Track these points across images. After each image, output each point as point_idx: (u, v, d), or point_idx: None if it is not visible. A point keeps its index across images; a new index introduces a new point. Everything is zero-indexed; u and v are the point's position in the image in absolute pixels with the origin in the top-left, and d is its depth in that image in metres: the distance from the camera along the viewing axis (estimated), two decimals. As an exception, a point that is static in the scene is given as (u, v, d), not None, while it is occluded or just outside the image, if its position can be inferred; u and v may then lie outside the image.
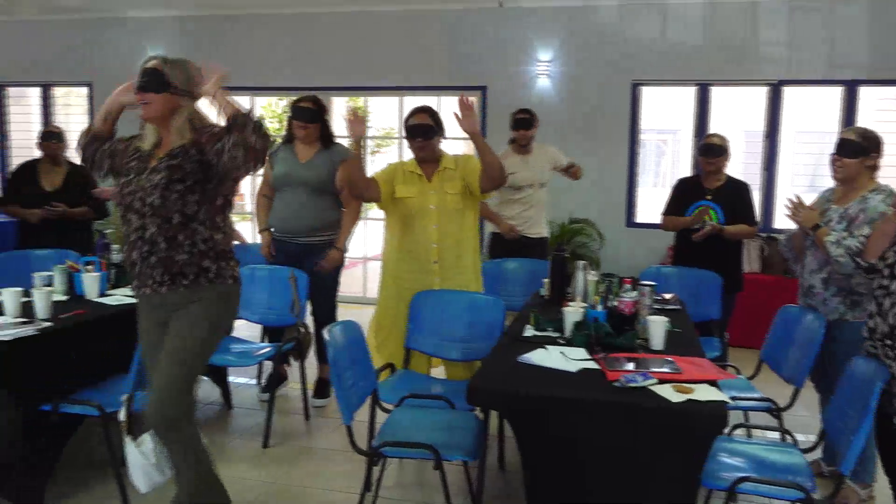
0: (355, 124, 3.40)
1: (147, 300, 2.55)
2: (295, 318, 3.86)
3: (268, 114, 12.66)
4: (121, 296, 3.44)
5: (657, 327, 2.74)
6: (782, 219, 4.84)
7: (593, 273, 3.45)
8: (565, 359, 2.55)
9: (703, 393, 2.23)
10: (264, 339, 4.42)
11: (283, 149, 4.18)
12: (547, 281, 3.61)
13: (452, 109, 3.36)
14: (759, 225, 4.48)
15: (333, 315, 4.16)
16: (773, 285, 5.57)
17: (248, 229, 4.42)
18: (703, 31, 6.28)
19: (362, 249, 7.23)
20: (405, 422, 2.83)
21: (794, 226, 3.27)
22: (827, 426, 2.66)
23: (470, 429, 2.75)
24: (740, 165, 6.35)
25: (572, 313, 2.87)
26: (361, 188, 3.50)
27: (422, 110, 3.51)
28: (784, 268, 5.70)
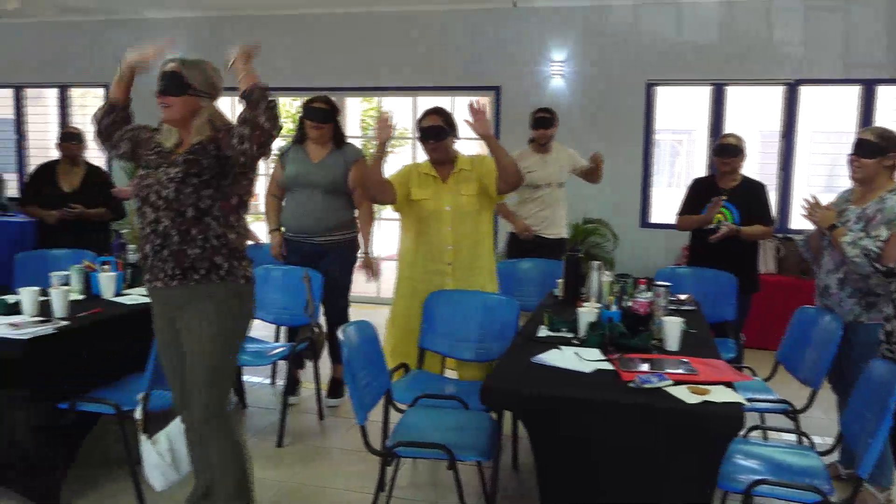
0: (383, 128, 3.40)
1: (158, 295, 2.54)
2: (309, 318, 3.87)
3: (282, 114, 12.69)
4: (136, 295, 3.47)
5: (672, 328, 2.73)
6: (798, 219, 4.82)
7: (608, 273, 3.43)
8: (579, 359, 2.54)
9: (719, 394, 2.21)
10: (278, 339, 4.44)
11: (293, 149, 4.16)
12: (561, 281, 3.60)
13: (464, 115, 3.35)
14: (775, 225, 4.45)
15: (346, 315, 4.16)
16: (788, 286, 5.53)
17: (263, 229, 4.43)
18: (719, 31, 6.25)
19: (375, 250, 7.20)
20: (419, 422, 2.83)
21: (812, 226, 3.25)
22: (844, 429, 2.63)
23: (484, 429, 2.75)
24: (756, 166, 6.30)
25: (587, 314, 2.86)
26: (377, 191, 3.48)
27: (433, 112, 3.49)
28: (800, 269, 5.66)
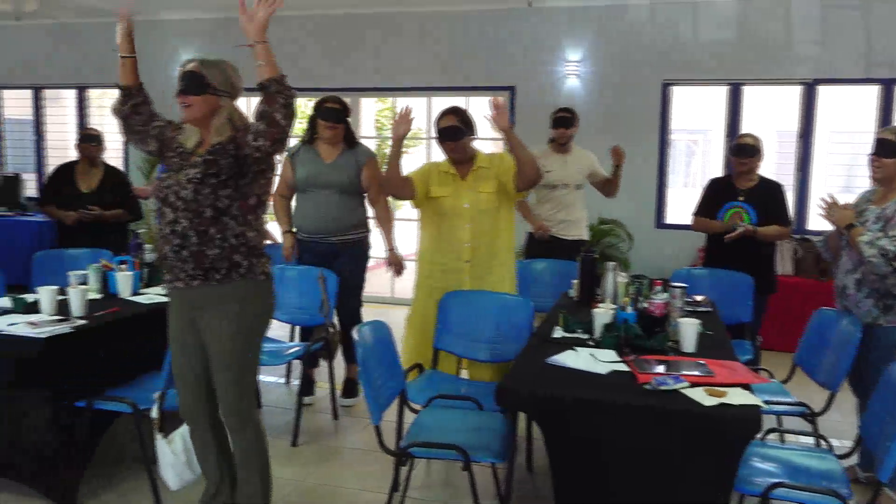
0: (401, 122, 3.39)
1: (179, 295, 2.55)
2: (324, 318, 3.88)
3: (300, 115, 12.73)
4: (153, 294, 3.49)
5: (688, 330, 2.71)
6: (816, 220, 4.76)
7: (623, 274, 3.41)
8: (595, 361, 2.53)
9: (736, 397, 2.19)
10: (293, 339, 4.45)
11: (303, 150, 4.13)
12: (576, 282, 3.59)
13: (483, 111, 3.34)
14: (792, 226, 4.41)
15: (358, 315, 4.18)
16: (806, 288, 5.48)
17: (276, 229, 4.45)
18: (736, 30, 6.20)
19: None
20: (433, 422, 2.83)
21: (832, 226, 3.22)
22: (863, 432, 2.60)
23: (498, 430, 2.74)
24: (773, 166, 6.25)
25: (602, 315, 2.84)
26: (396, 187, 3.49)
27: (450, 112, 3.48)
28: (817, 270, 5.61)
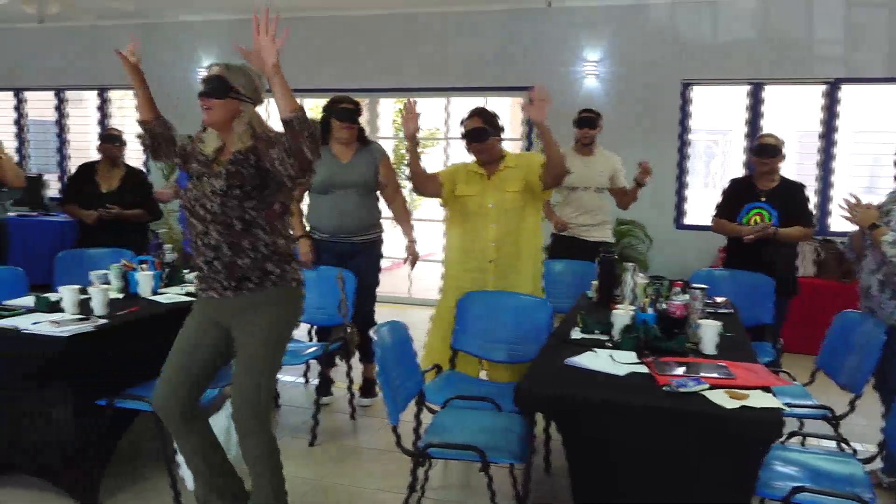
0: (408, 120, 3.40)
1: (211, 304, 2.57)
2: (342, 318, 3.89)
3: (316, 115, 12.79)
4: (173, 294, 3.52)
5: (709, 331, 2.68)
6: (838, 221, 4.71)
7: (642, 275, 3.39)
8: (614, 362, 2.51)
9: (757, 399, 2.16)
10: (311, 339, 4.47)
11: None
12: (595, 283, 3.57)
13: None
14: (814, 227, 4.36)
15: (372, 315, 4.19)
16: (828, 290, 5.41)
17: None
18: (756, 28, 6.14)
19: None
20: (451, 423, 2.82)
21: (855, 227, 3.18)
22: (887, 436, 2.56)
23: (516, 431, 2.73)
24: (794, 166, 6.17)
25: (621, 316, 2.82)
26: (422, 183, 3.51)
27: (475, 114, 3.46)
28: (840, 272, 5.54)
